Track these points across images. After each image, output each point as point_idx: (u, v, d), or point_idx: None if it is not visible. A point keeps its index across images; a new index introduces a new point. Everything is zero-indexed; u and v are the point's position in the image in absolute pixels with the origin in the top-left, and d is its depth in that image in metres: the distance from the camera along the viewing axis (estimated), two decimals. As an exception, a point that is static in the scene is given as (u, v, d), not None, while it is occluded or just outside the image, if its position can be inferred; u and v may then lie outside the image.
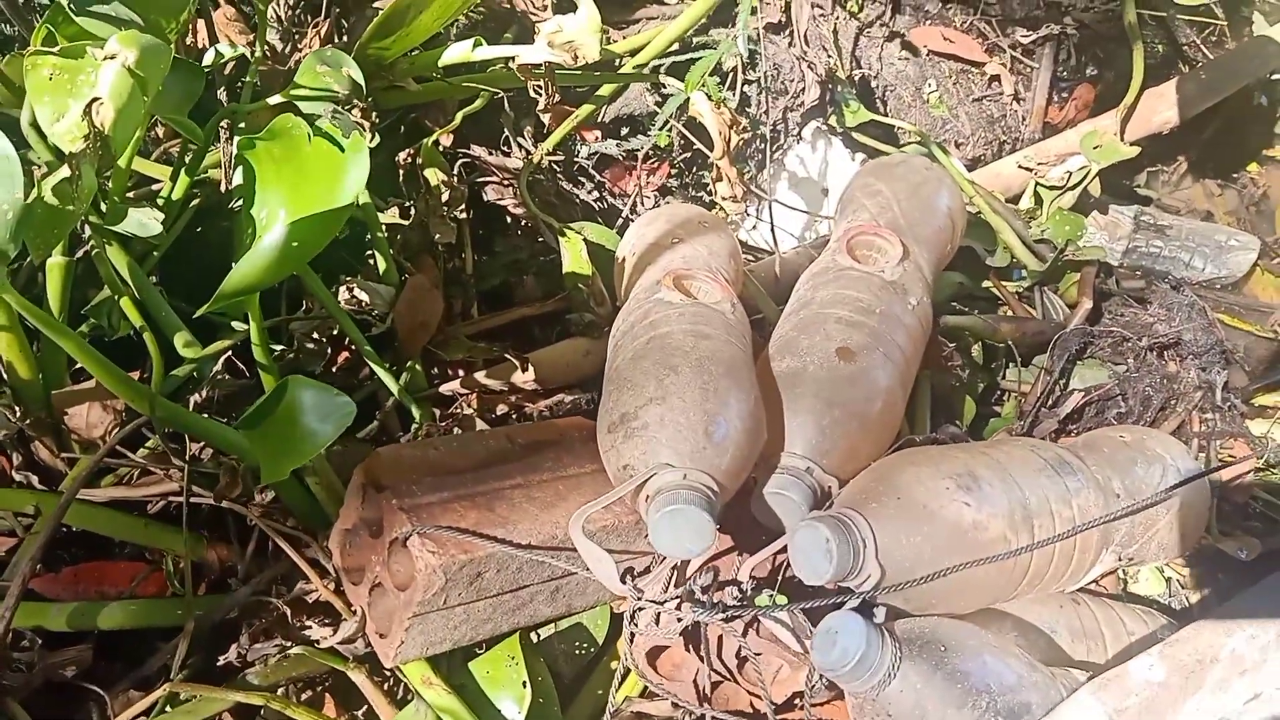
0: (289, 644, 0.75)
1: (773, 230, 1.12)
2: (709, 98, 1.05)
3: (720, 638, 0.75)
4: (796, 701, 0.74)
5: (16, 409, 0.79)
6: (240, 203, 0.80)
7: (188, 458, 0.79)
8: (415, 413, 0.96)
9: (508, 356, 1.04)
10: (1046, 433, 0.99)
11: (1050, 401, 1.02)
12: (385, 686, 0.77)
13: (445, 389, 1.02)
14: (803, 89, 1.26)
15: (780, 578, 0.76)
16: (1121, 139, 1.22)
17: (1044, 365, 1.05)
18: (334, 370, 1.03)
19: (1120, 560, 0.80)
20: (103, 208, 0.84)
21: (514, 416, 1.02)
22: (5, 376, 0.79)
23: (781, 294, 0.98)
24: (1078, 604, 0.80)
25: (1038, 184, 1.23)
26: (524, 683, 0.73)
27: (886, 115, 1.31)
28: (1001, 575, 0.72)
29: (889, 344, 0.84)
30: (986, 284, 1.19)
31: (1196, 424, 1.05)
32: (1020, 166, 1.26)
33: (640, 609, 0.72)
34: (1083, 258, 1.15)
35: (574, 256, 1.10)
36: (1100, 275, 1.14)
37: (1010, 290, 1.18)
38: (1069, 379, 1.05)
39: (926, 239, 0.96)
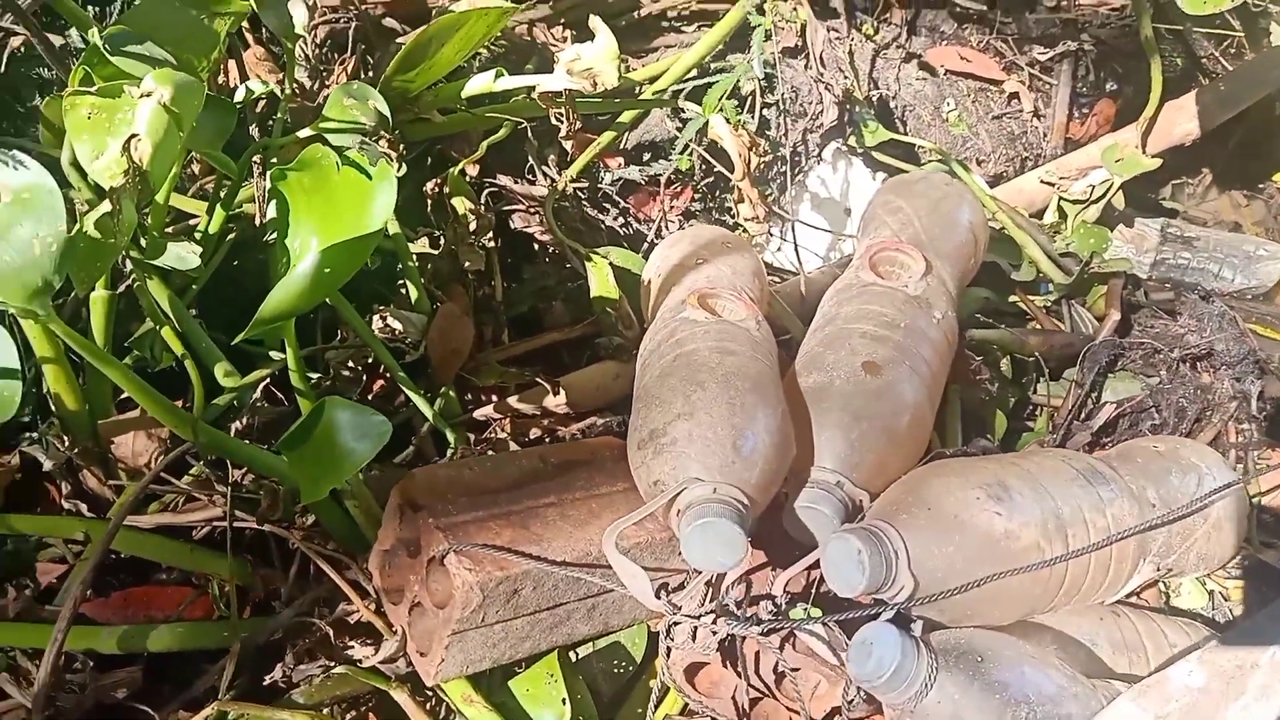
0: (332, 664, 0.77)
1: (796, 250, 1.13)
2: (727, 120, 1.06)
3: (757, 654, 0.75)
4: (836, 717, 0.75)
5: (65, 439, 0.81)
6: (274, 235, 0.82)
7: (230, 483, 0.81)
8: (450, 437, 0.97)
9: (539, 381, 1.05)
10: (1079, 445, 0.99)
11: (1082, 414, 1.02)
12: (427, 705, 0.78)
13: (479, 414, 1.04)
14: (821, 110, 1.28)
15: (814, 591, 0.76)
16: (1143, 152, 1.23)
17: (1074, 378, 1.05)
18: (369, 398, 1.04)
19: (1159, 571, 0.80)
20: (142, 242, 0.86)
21: (546, 440, 1.03)
22: (53, 407, 0.82)
23: (807, 313, 0.99)
24: (1118, 616, 0.80)
25: (1061, 199, 1.24)
26: (564, 700, 0.74)
27: (906, 134, 1.31)
28: (1037, 585, 0.72)
29: (915, 358, 0.84)
30: (1013, 299, 1.19)
31: (1233, 434, 1.05)
32: (1042, 181, 1.26)
33: (676, 624, 0.73)
34: (1109, 270, 1.15)
35: (600, 281, 1.12)
36: (1128, 287, 1.14)
37: (1037, 304, 1.18)
38: (1100, 392, 1.05)
39: (949, 254, 0.97)
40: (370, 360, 1.03)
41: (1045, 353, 1.07)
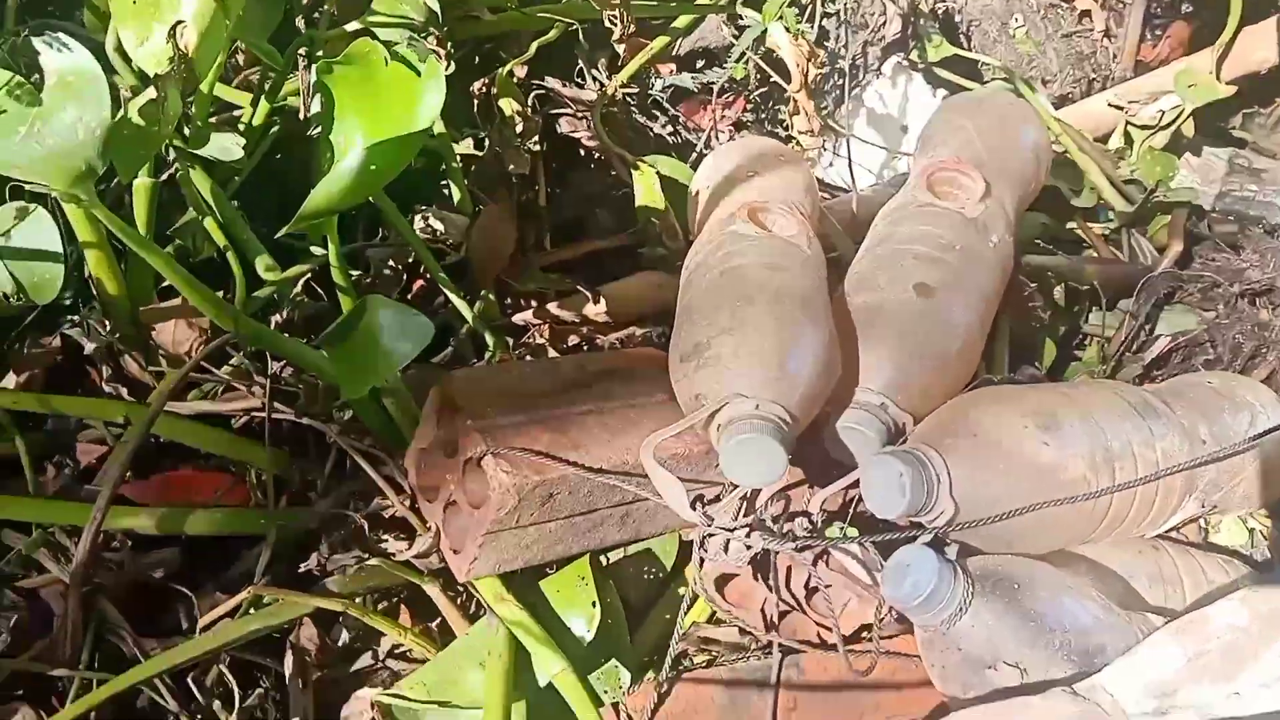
0: (366, 556, 0.77)
1: (850, 167, 1.10)
2: (787, 30, 1.03)
3: (789, 569, 0.75)
4: (864, 634, 0.75)
5: (106, 324, 0.82)
6: (319, 130, 0.81)
7: (269, 375, 0.81)
8: (489, 340, 0.97)
9: (580, 289, 1.04)
10: (1130, 377, 0.97)
11: (1135, 346, 0.99)
12: (458, 601, 0.79)
13: (518, 319, 1.03)
14: (883, 23, 1.23)
15: (851, 512, 0.76)
16: (1217, 78, 1.18)
17: (1129, 309, 1.02)
18: (409, 298, 1.04)
19: (1204, 507, 0.78)
20: (186, 132, 0.86)
21: (585, 348, 1.02)
22: (95, 292, 0.82)
23: (858, 232, 0.96)
24: (1157, 550, 0.79)
25: (1128, 123, 1.19)
26: (594, 602, 0.74)
27: (970, 50, 1.27)
28: (1080, 517, 0.71)
29: (969, 282, 0.82)
30: (1071, 225, 1.16)
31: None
32: (1110, 105, 1.21)
33: (710, 535, 0.72)
34: (1173, 199, 1.11)
35: (647, 190, 1.10)
36: (1191, 218, 1.10)
37: (1096, 232, 1.14)
38: (1155, 324, 1.02)
39: (1010, 176, 0.93)
40: (411, 260, 1.02)
41: (1102, 282, 1.03)
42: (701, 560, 0.73)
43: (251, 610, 0.74)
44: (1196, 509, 0.78)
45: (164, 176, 0.87)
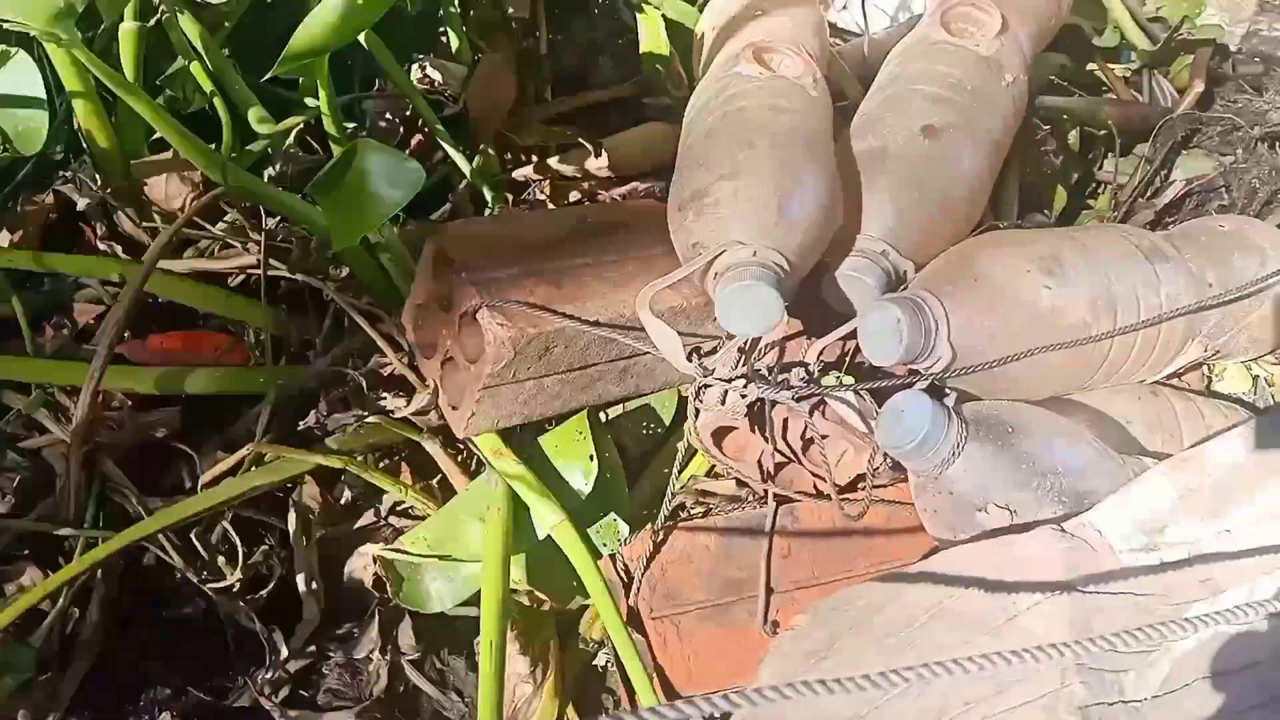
0: (365, 414, 0.78)
1: (863, 5, 1.06)
2: None
3: (786, 420, 0.75)
4: (860, 484, 0.75)
5: (98, 178, 0.80)
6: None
7: (264, 231, 0.80)
8: (488, 196, 0.95)
9: (582, 141, 1.02)
10: (1142, 223, 0.95)
11: (1149, 192, 0.97)
12: (458, 458, 0.80)
13: (518, 174, 1.01)
14: None
15: (848, 362, 0.75)
16: (1254, -94, 1.11)
17: (1145, 153, 0.98)
18: (408, 152, 1.02)
19: (1206, 351, 0.77)
20: (172, -28, 0.83)
21: (586, 203, 1.01)
22: (85, 145, 0.80)
23: (869, 77, 0.92)
24: (1156, 396, 0.78)
25: (1157, -44, 1.13)
26: (591, 455, 0.75)
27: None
28: (1078, 361, 0.70)
29: (978, 123, 0.79)
30: (1091, 67, 1.11)
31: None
32: (1139, -62, 1.15)
33: (706, 388, 0.72)
34: (1198, 38, 1.06)
35: (652, 35, 1.06)
36: (1215, 58, 1.05)
37: (1117, 74, 1.10)
38: (1171, 169, 0.99)
39: (1029, 11, 0.89)
40: (408, 112, 1.00)
41: (1119, 124, 1.00)
42: (697, 411, 0.73)
43: (253, 468, 0.75)
44: (1199, 353, 0.77)
45: (152, 22, 0.84)
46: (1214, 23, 1.09)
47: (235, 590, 0.74)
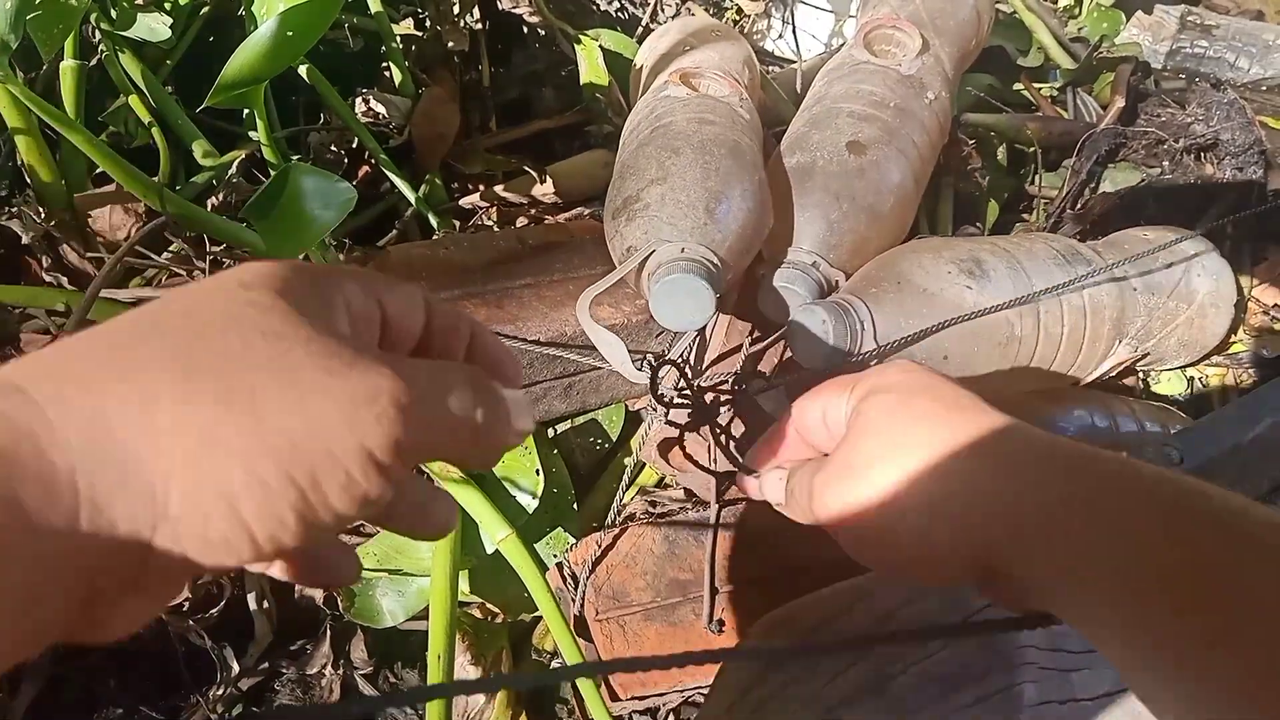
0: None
1: (794, 33, 1.09)
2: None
3: (729, 423, 0.76)
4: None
5: (41, 211, 0.81)
6: (245, 6, 0.80)
7: (208, 259, 0.81)
8: (435, 224, 0.97)
9: (526, 169, 1.04)
10: (1070, 235, 0.97)
11: (1077, 204, 0.99)
12: (406, 474, 0.80)
13: (465, 202, 1.03)
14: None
15: (778, 364, 0.77)
16: (1170, -69, 1.16)
17: (1071, 166, 1.01)
18: (354, 184, 1.03)
19: (1135, 353, 0.80)
20: (113, 13, 0.84)
21: (528, 225, 1.02)
22: (29, 179, 0.81)
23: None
24: (1089, 400, 0.80)
25: (1078, -19, 1.18)
26: (537, 470, 0.76)
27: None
28: (1005, 361, 0.72)
29: (903, 139, 0.82)
30: (1017, 86, 1.15)
31: (1231, 228, 1.03)
32: (1060, -36, 1.20)
33: (659, 400, 0.73)
34: (1118, 55, 1.10)
35: (591, 66, 1.09)
36: (1137, 74, 1.09)
37: (1043, 93, 1.14)
38: (1099, 183, 1.02)
39: (950, 32, 0.92)
40: (354, 144, 1.01)
41: (1044, 140, 1.03)
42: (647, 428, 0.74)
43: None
44: (1129, 354, 0.80)
45: (93, 61, 0.86)
46: (1133, 40, 1.13)
47: (185, 609, 0.74)
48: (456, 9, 1.05)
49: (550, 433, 0.84)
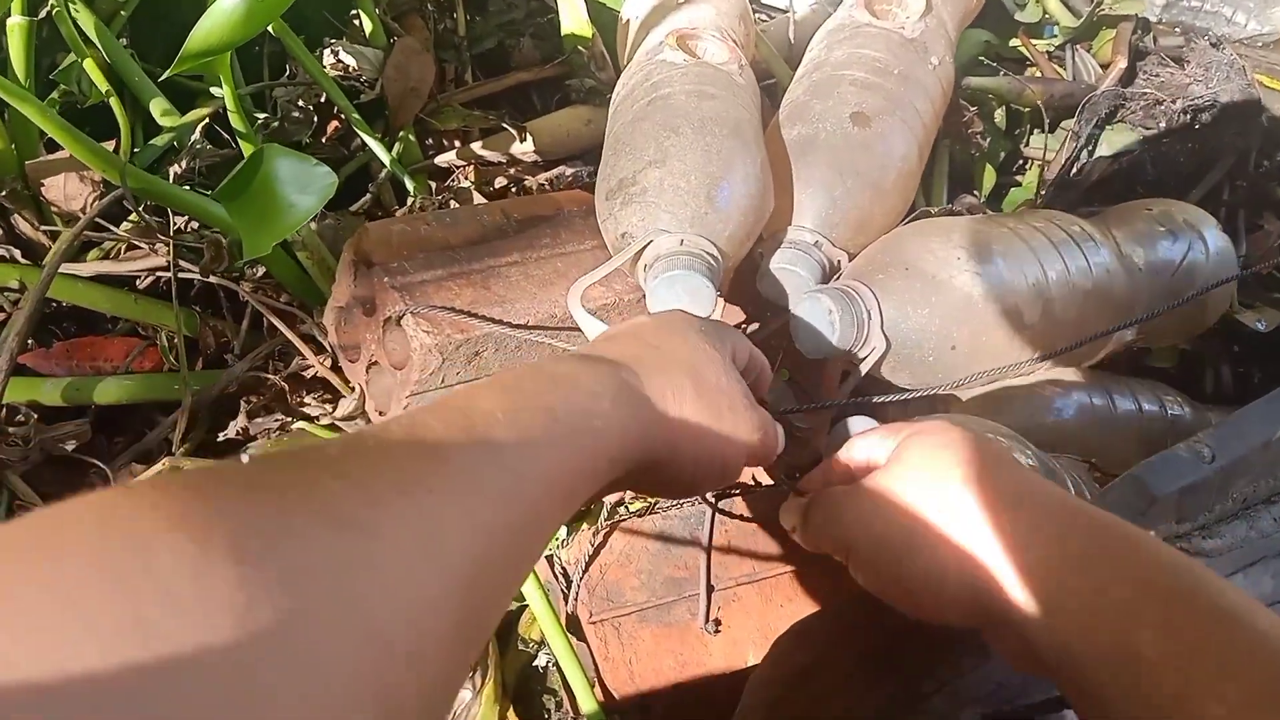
0: (289, 419, 0.75)
1: (787, -16, 1.04)
2: None
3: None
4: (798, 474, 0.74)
5: (-10, 181, 0.76)
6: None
7: (173, 231, 0.76)
8: (410, 185, 0.92)
9: (505, 125, 0.99)
10: (1069, 201, 0.95)
11: (1075, 169, 0.97)
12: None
13: (440, 160, 0.98)
14: None
15: (781, 355, 0.74)
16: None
17: (1071, 129, 0.98)
18: (324, 140, 0.98)
19: (1139, 334, 0.78)
20: (60, -37, 0.78)
21: (513, 189, 0.98)
22: (-27, 147, 0.76)
23: (795, 57, 0.91)
24: (1088, 384, 0.79)
25: (1079, -69, 1.13)
26: (524, 457, 0.73)
27: None
28: (1013, 350, 0.70)
29: (907, 108, 0.78)
30: (1015, 42, 1.11)
31: (1226, 191, 1.01)
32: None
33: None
34: (1120, 11, 1.06)
35: (573, 15, 1.03)
36: (1138, 32, 1.06)
37: (1040, 49, 1.10)
38: (1096, 145, 0.99)
39: (952, -9, 0.89)
40: (323, 99, 0.95)
41: (1044, 102, 1.00)
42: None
43: (171, 480, 0.72)
44: (1133, 335, 0.78)
45: (42, 14, 0.79)
46: (1135, -6, 1.10)
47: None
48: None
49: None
